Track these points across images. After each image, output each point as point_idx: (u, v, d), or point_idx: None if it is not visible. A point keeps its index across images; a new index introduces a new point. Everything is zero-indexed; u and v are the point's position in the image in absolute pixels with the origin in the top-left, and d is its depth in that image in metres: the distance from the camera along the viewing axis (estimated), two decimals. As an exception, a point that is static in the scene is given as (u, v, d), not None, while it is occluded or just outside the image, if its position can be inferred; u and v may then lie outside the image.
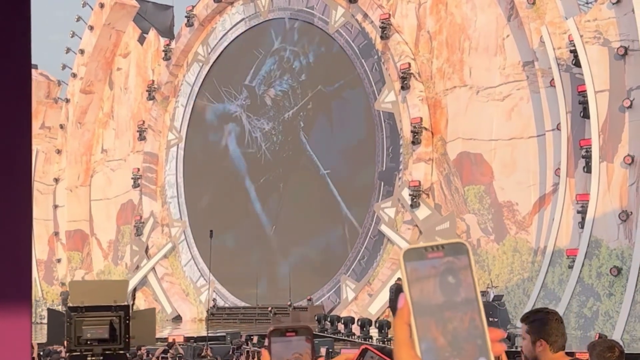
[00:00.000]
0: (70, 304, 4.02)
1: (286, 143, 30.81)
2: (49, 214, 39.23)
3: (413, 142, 25.51)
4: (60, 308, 34.57)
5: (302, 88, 30.45)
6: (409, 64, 26.00)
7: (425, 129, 25.46)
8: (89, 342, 3.92)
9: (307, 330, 1.45)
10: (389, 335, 19.67)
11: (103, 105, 38.57)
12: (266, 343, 1.44)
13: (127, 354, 4.07)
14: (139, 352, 17.25)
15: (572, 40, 21.20)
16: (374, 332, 20.33)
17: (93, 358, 3.86)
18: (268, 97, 31.66)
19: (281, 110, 31.14)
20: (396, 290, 23.18)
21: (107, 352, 3.92)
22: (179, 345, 19.74)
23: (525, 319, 4.22)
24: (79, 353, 3.89)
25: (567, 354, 4.26)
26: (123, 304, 4.02)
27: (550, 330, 4.11)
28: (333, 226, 28.62)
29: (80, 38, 38.59)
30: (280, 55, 31.31)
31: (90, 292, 4.01)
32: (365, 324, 20.41)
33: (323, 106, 29.68)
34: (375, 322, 20.78)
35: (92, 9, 38.12)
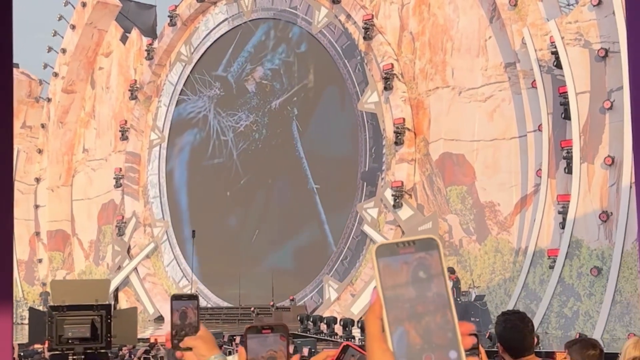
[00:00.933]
0: (51, 303, 4.03)
1: (269, 145, 30.80)
2: (30, 214, 39.00)
3: (396, 143, 25.58)
4: (41, 308, 34.39)
5: (285, 86, 30.48)
6: (392, 64, 26.07)
7: (408, 129, 25.53)
8: (70, 341, 3.93)
9: (282, 328, 1.49)
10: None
11: (85, 105, 38.38)
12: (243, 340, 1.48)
13: (109, 353, 4.08)
14: (121, 353, 17.20)
15: (554, 42, 21.35)
16: (356, 332, 20.37)
17: (74, 357, 3.88)
18: (250, 87, 31.64)
19: (261, 106, 31.11)
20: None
21: (88, 351, 3.94)
22: (161, 345, 19.67)
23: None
24: (60, 352, 3.91)
25: (547, 354, 4.28)
26: (105, 303, 4.04)
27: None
28: (316, 226, 28.64)
29: (62, 37, 38.40)
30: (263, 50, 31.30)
31: (72, 291, 4.03)
32: (347, 324, 20.45)
33: (306, 105, 29.70)
34: (358, 322, 20.84)
35: (74, 8, 37.94)
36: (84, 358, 3.93)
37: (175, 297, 2.16)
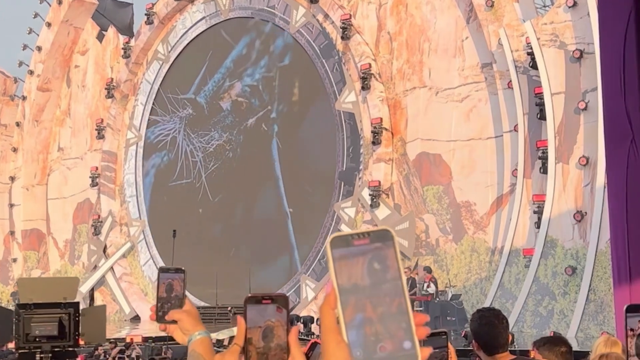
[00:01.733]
0: (19, 301, 4.01)
1: (248, 148, 30.75)
2: (4, 212, 38.64)
3: (373, 143, 25.64)
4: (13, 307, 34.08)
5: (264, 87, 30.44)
6: (370, 64, 26.12)
7: (386, 129, 25.60)
8: (37, 340, 3.91)
9: (282, 299, 1.50)
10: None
11: (60, 103, 38.09)
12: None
13: (76, 351, 4.06)
14: (96, 352, 17.10)
15: (530, 43, 21.50)
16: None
17: (42, 355, 3.86)
18: (226, 102, 31.61)
19: (240, 115, 31.07)
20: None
21: (55, 349, 3.91)
22: (137, 345, 19.58)
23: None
24: (27, 350, 3.88)
25: (522, 353, 4.29)
26: (73, 301, 4.02)
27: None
28: (292, 226, 28.66)
29: (38, 35, 38.08)
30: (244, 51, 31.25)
31: (40, 289, 3.99)
32: (324, 323, 20.43)
33: (284, 105, 29.69)
34: (299, 320, 20.89)
35: (50, 6, 37.64)
36: (52, 356, 3.91)
37: (163, 270, 2.17)
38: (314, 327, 21.24)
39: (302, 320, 21.71)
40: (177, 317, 2.26)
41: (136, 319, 32.05)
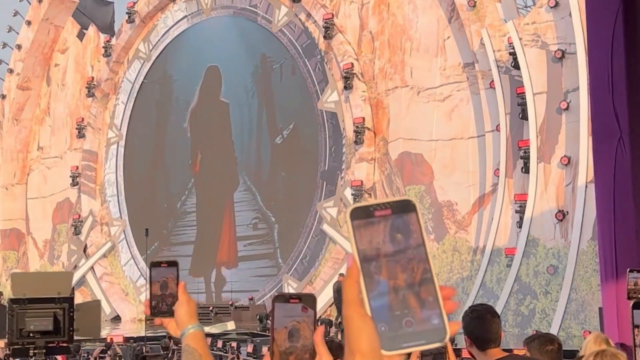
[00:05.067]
0: (12, 296, 3.95)
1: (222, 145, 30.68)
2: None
3: (355, 142, 25.64)
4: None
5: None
6: (352, 64, 26.12)
7: (368, 128, 25.61)
8: (31, 335, 3.84)
9: (309, 298, 1.49)
10: (331, 334, 19.71)
11: (40, 102, 37.80)
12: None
13: (70, 347, 4.00)
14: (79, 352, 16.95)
15: (512, 43, 21.58)
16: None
17: (36, 351, 3.80)
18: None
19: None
20: (338, 290, 23.27)
21: (50, 344, 3.86)
22: (118, 345, 19.46)
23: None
24: (20, 346, 3.82)
25: (505, 351, 4.28)
26: (67, 295, 3.96)
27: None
28: (275, 225, 28.61)
29: (18, 33, 37.76)
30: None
31: (33, 283, 3.93)
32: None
33: (265, 104, 29.64)
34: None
35: (29, 4, 37.33)
36: (46, 352, 3.85)
37: (154, 265, 2.16)
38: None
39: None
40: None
41: (117, 319, 31.86)
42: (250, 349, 18.23)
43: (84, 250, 33.98)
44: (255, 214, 29.45)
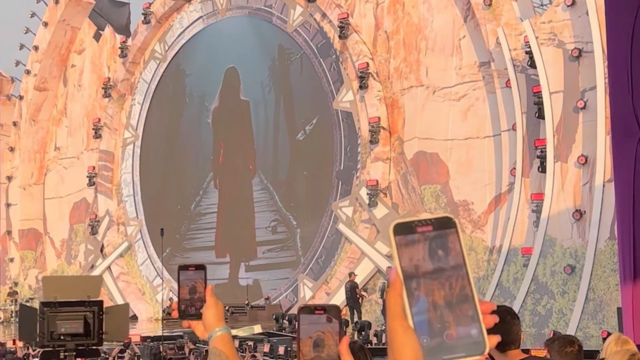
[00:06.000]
0: (43, 299, 4.00)
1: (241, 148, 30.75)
2: (1, 212, 38.58)
3: (371, 142, 25.65)
4: (12, 308, 34.03)
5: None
6: (367, 63, 26.12)
7: (383, 128, 25.60)
8: (62, 337, 3.89)
9: (334, 309, 1.51)
10: (346, 333, 19.70)
11: (57, 103, 38.04)
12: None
13: (100, 350, 4.05)
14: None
15: (528, 42, 21.51)
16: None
17: (66, 353, 3.85)
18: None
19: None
20: (351, 288, 23.32)
21: (80, 347, 3.90)
22: (135, 345, 19.56)
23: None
24: (51, 349, 3.87)
25: (523, 351, 4.29)
26: (96, 299, 4.01)
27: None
28: (292, 225, 28.65)
29: (35, 34, 38.02)
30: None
31: (64, 287, 3.98)
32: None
33: (284, 98, 29.64)
34: (343, 330, 20.68)
35: (46, 5, 37.58)
36: (76, 354, 3.90)
37: (182, 268, 2.19)
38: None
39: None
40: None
41: (134, 318, 32.00)
42: (266, 348, 18.29)
43: (101, 250, 34.19)
44: (274, 215, 29.39)
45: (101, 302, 4.01)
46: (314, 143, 28.14)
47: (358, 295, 23.33)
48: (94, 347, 3.91)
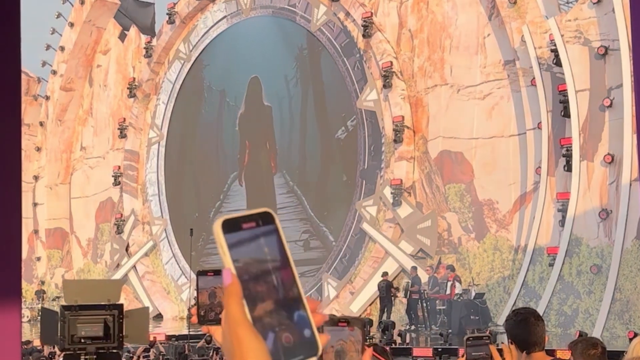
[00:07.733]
0: (64, 303, 4.04)
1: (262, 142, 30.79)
2: (28, 211, 38.94)
3: (395, 141, 25.59)
4: (38, 307, 34.37)
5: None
6: (391, 62, 26.05)
7: (407, 127, 25.53)
8: (82, 341, 3.93)
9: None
10: (371, 333, 19.70)
11: (83, 103, 38.37)
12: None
13: (120, 353, 4.09)
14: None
15: (553, 40, 21.35)
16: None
17: (87, 357, 3.88)
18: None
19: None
20: (386, 287, 23.37)
21: (100, 350, 3.94)
22: (160, 343, 19.67)
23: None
24: (72, 352, 3.90)
25: (547, 352, 4.26)
26: (117, 302, 4.04)
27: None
28: (316, 224, 28.63)
29: (61, 35, 38.36)
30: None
31: (84, 290, 4.02)
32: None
33: (313, 91, 29.56)
34: (366, 339, 20.64)
35: (72, 6, 37.90)
36: (96, 358, 3.93)
37: (201, 273, 2.20)
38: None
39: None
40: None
41: (159, 317, 32.19)
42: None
43: (126, 249, 34.42)
44: (304, 225, 28.97)
45: (121, 305, 4.05)
46: (344, 142, 27.97)
47: (392, 295, 23.48)
48: (115, 350, 3.95)
